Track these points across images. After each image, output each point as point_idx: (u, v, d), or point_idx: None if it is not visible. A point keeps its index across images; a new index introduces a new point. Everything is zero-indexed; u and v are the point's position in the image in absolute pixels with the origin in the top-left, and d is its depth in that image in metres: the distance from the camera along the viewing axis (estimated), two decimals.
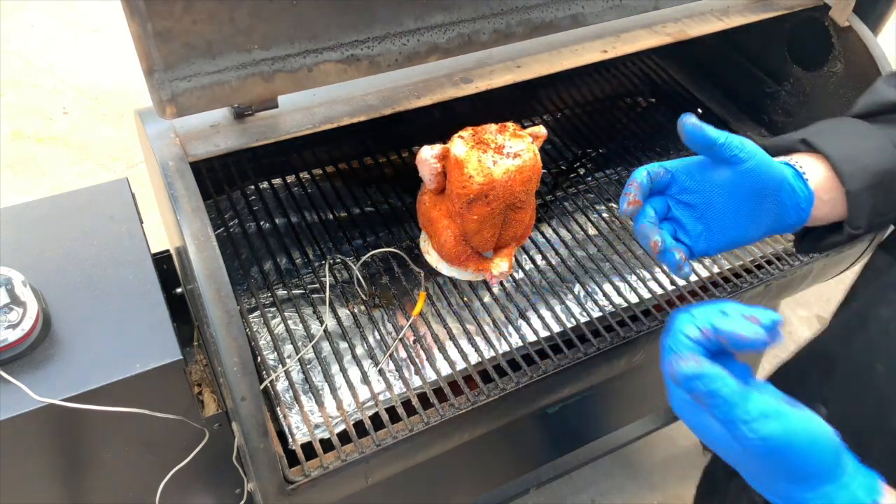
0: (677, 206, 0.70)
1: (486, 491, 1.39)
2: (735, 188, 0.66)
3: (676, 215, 0.70)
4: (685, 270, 0.67)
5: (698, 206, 0.68)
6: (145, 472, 0.91)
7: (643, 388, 1.40)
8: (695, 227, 0.69)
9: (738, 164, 0.64)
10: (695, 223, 0.69)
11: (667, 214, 0.70)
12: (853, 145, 0.66)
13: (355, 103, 0.88)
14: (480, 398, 0.88)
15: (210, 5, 0.69)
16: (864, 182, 0.65)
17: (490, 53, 0.96)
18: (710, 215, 0.68)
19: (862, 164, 0.65)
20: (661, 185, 0.69)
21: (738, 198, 0.66)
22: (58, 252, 0.87)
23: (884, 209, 0.66)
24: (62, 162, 2.44)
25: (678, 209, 0.70)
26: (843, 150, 0.66)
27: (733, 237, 0.68)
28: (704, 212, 0.68)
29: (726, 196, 0.66)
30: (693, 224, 0.69)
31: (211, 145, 0.81)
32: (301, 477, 0.80)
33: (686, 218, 0.69)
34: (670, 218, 0.70)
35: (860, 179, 0.65)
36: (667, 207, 0.70)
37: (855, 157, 0.65)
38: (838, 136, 0.68)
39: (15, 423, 0.73)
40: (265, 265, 1.04)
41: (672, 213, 0.70)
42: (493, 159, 0.86)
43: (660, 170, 0.68)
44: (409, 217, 1.11)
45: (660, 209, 0.69)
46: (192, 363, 0.95)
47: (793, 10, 1.13)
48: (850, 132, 0.68)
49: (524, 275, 1.05)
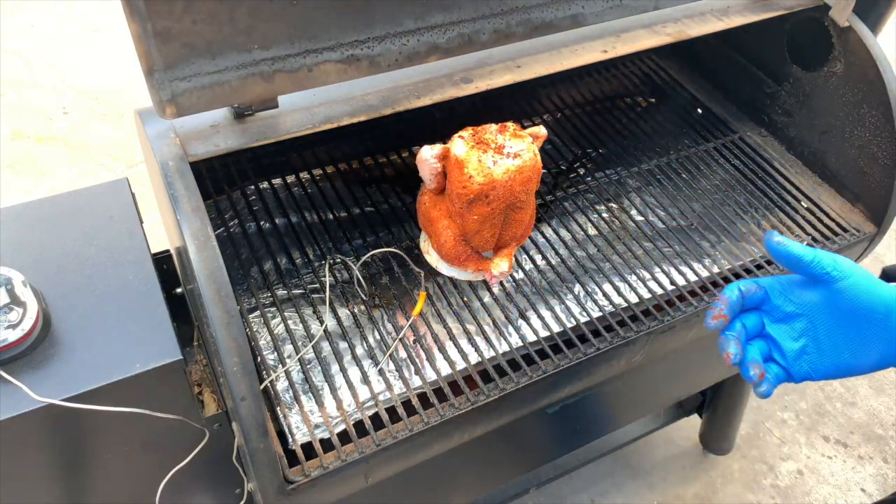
0: (773, 324, 0.66)
1: (486, 491, 1.39)
2: (834, 309, 0.62)
3: (772, 334, 0.66)
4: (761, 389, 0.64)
5: (796, 326, 0.64)
6: (145, 472, 0.91)
7: (643, 388, 1.40)
8: (792, 347, 0.64)
9: (831, 283, 0.61)
10: (792, 343, 0.65)
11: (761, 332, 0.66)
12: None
13: (355, 103, 0.88)
14: (480, 398, 0.88)
15: (210, 5, 0.69)
16: None
17: (490, 53, 0.96)
18: (810, 337, 0.64)
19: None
20: (754, 302, 0.65)
21: (838, 319, 0.62)
22: (58, 252, 0.87)
23: None
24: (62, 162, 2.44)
25: (773, 327, 0.66)
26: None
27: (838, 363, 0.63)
28: (804, 333, 0.64)
29: (826, 317, 0.62)
30: (790, 344, 0.65)
31: (211, 145, 0.81)
32: (301, 477, 0.80)
33: (782, 338, 0.65)
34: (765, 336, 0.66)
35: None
36: (760, 327, 0.66)
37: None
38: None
39: (15, 423, 0.73)
40: (265, 265, 1.04)
41: (766, 331, 0.66)
42: (493, 159, 0.86)
43: (753, 286, 0.65)
44: (409, 217, 1.11)
45: (752, 326, 0.66)
46: (192, 363, 0.95)
47: (793, 10, 1.13)
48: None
49: (524, 275, 1.05)
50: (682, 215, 1.17)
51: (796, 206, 1.19)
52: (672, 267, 1.09)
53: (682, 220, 1.17)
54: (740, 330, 0.65)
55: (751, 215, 1.17)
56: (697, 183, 1.22)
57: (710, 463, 1.84)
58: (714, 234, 1.13)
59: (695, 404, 1.74)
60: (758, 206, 1.18)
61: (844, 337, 0.62)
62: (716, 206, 1.18)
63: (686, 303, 1.01)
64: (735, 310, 0.65)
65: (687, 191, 1.20)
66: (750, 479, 1.81)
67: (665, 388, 1.46)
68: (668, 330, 0.99)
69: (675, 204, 1.18)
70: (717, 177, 1.24)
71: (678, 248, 1.09)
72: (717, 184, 1.22)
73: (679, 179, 1.21)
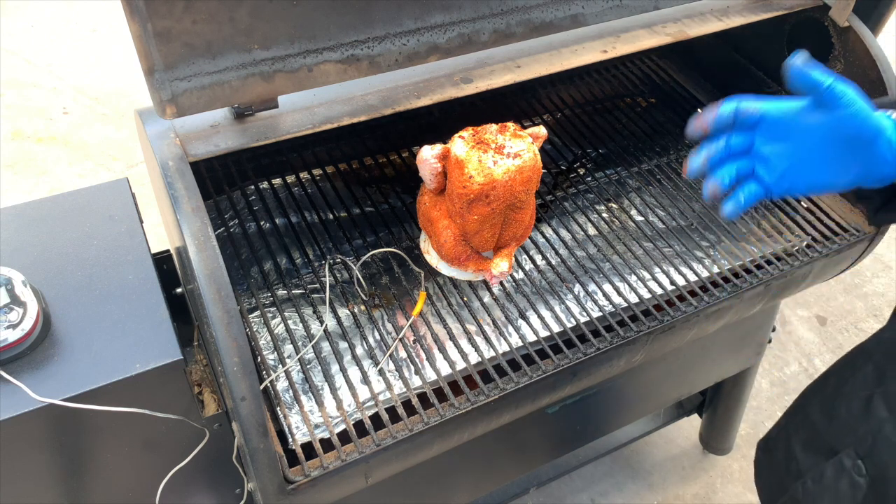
0: (765, 144, 0.69)
1: (486, 491, 1.39)
2: (829, 133, 0.66)
3: (763, 152, 0.70)
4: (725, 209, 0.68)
5: (786, 146, 0.68)
6: (145, 472, 0.91)
7: (643, 388, 1.40)
8: (780, 164, 0.68)
9: (838, 109, 0.64)
10: (780, 159, 0.68)
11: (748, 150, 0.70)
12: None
13: (355, 103, 0.88)
14: (480, 398, 0.88)
15: (210, 5, 0.69)
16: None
17: (490, 53, 0.96)
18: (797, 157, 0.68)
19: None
20: (749, 122, 0.69)
21: (830, 143, 0.66)
22: (58, 252, 0.87)
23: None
24: (62, 162, 2.44)
25: (766, 146, 0.69)
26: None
27: (818, 181, 0.68)
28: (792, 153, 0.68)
29: (818, 140, 0.66)
30: (778, 161, 0.69)
31: (211, 145, 0.81)
32: (301, 477, 0.80)
33: (772, 154, 0.69)
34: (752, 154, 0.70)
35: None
36: (747, 147, 0.70)
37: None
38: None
39: (15, 423, 0.73)
40: (265, 265, 1.04)
41: (756, 148, 0.70)
42: (493, 159, 0.86)
43: (752, 107, 0.68)
44: (409, 217, 1.11)
45: (739, 144, 0.69)
46: (192, 363, 0.95)
47: (793, 10, 1.13)
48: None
49: (524, 275, 1.05)
50: (682, 215, 1.17)
51: (796, 205, 1.19)
52: (672, 267, 1.09)
53: (682, 220, 1.17)
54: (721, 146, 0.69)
55: (751, 215, 1.17)
56: (697, 183, 1.22)
57: (710, 463, 1.84)
58: (714, 234, 1.13)
59: (695, 404, 1.74)
60: (758, 205, 1.18)
61: (831, 159, 0.66)
62: (716, 206, 1.18)
63: (686, 303, 1.01)
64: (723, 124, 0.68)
65: (687, 191, 1.20)
66: (750, 479, 1.81)
67: (665, 388, 1.46)
68: (668, 330, 0.99)
69: (674, 204, 1.18)
70: None
71: (678, 248, 1.09)
72: None
73: (679, 179, 1.21)
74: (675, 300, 1.02)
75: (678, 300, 1.02)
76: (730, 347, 1.44)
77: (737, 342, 1.45)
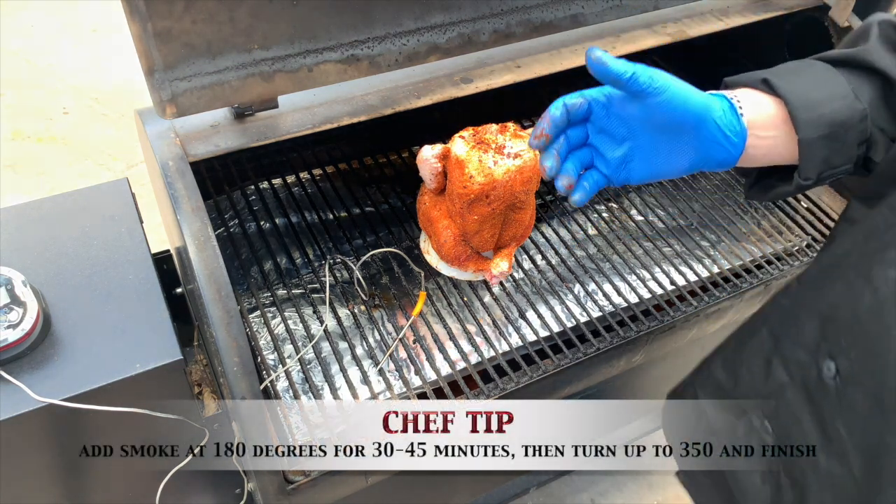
0: (596, 135, 0.69)
1: (486, 491, 1.39)
2: (649, 122, 0.65)
3: (595, 143, 0.69)
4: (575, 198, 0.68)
5: (618, 135, 0.68)
6: (145, 471, 0.90)
7: (643, 388, 1.40)
8: (613, 155, 0.68)
9: (648, 97, 0.63)
10: (613, 150, 0.68)
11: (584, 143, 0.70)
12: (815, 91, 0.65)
13: (355, 103, 0.88)
14: (480, 398, 0.88)
15: (210, 5, 0.69)
16: (818, 131, 0.63)
17: (490, 53, 0.96)
18: (630, 145, 0.67)
19: (819, 112, 0.64)
20: (580, 115, 0.68)
21: (654, 131, 0.65)
22: (58, 252, 0.87)
23: (835, 161, 0.65)
24: (62, 162, 2.44)
25: (597, 137, 0.69)
26: (803, 95, 0.64)
27: (654, 169, 0.68)
28: (624, 142, 0.68)
29: (642, 129, 0.66)
30: (612, 152, 0.68)
31: (211, 145, 0.81)
32: (301, 477, 0.80)
33: (605, 146, 0.68)
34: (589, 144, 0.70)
35: (815, 128, 0.63)
36: (584, 137, 0.69)
37: (814, 104, 0.64)
38: (801, 80, 0.66)
39: (15, 423, 0.73)
40: (265, 265, 1.04)
41: (591, 140, 0.69)
42: (493, 159, 0.86)
43: (578, 100, 0.67)
44: (409, 217, 1.11)
45: (575, 138, 0.69)
46: (192, 363, 0.95)
47: (793, 10, 1.13)
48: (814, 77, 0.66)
49: (524, 275, 1.05)
50: (681, 215, 1.17)
51: (796, 205, 1.19)
52: (672, 267, 1.09)
53: (682, 220, 1.17)
54: (562, 143, 0.68)
55: (750, 215, 1.17)
56: (697, 183, 1.22)
57: None
58: (714, 234, 1.13)
59: None
60: (757, 205, 1.18)
61: (661, 145, 0.66)
62: (716, 205, 1.18)
63: (686, 303, 1.01)
64: (560, 127, 0.67)
65: (687, 191, 1.20)
66: None
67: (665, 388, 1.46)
68: (668, 330, 0.99)
69: (674, 204, 1.18)
70: (717, 177, 1.24)
71: (678, 248, 1.09)
72: (717, 184, 1.22)
73: (679, 179, 1.21)
74: (675, 300, 1.02)
75: (678, 300, 1.02)
76: None
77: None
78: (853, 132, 0.64)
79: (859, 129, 0.64)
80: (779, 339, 0.67)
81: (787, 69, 0.68)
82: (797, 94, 0.64)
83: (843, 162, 0.66)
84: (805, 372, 0.62)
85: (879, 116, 0.65)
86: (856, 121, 0.64)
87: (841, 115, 0.64)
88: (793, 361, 0.64)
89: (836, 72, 0.67)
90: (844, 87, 0.65)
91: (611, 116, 0.68)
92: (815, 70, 0.67)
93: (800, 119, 0.64)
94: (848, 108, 0.64)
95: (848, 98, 0.64)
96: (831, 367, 0.57)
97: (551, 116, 0.66)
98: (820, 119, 0.64)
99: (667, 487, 1.78)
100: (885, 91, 0.65)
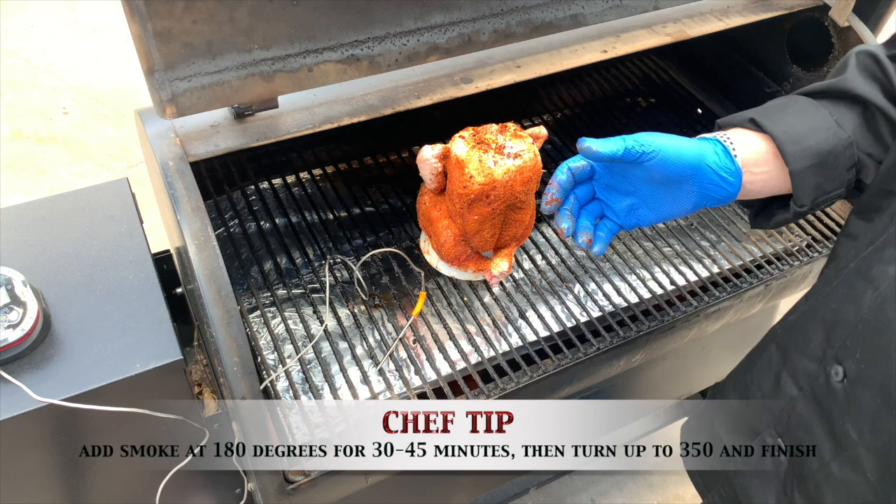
0: (603, 191, 0.75)
1: (486, 491, 1.39)
2: (650, 178, 0.70)
3: (603, 197, 0.75)
4: (595, 250, 0.73)
5: (623, 190, 0.73)
6: (145, 471, 0.90)
7: (643, 388, 1.40)
8: (621, 206, 0.74)
9: (644, 161, 0.68)
10: (621, 203, 0.74)
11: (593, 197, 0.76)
12: (799, 125, 0.69)
13: (355, 103, 0.88)
14: (480, 398, 0.88)
15: (210, 5, 0.69)
16: (807, 161, 0.68)
17: (490, 53, 0.96)
18: (634, 198, 0.73)
19: (805, 144, 0.68)
20: (585, 176, 0.74)
21: (656, 184, 0.71)
22: (58, 252, 0.87)
23: (828, 187, 0.70)
24: (62, 162, 2.43)
25: (604, 193, 0.75)
26: (789, 130, 0.69)
27: (661, 214, 0.73)
28: (630, 195, 0.73)
29: (644, 185, 0.71)
30: (620, 204, 0.74)
31: (211, 145, 0.81)
32: (301, 477, 0.80)
33: (612, 200, 0.75)
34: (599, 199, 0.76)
35: (803, 159, 0.68)
36: (592, 192, 0.75)
37: (799, 137, 0.68)
38: (786, 116, 0.70)
39: (15, 423, 0.73)
40: (265, 265, 1.04)
41: (598, 195, 0.75)
42: (493, 159, 0.86)
43: (581, 163, 0.73)
44: (409, 217, 1.11)
45: (584, 194, 0.75)
46: (192, 363, 0.95)
47: (793, 10, 1.13)
48: (798, 112, 0.71)
49: (524, 275, 1.05)
50: None
51: None
52: (672, 267, 1.09)
53: (682, 220, 1.17)
54: (573, 203, 0.74)
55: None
56: None
57: None
58: (714, 234, 1.13)
59: None
60: None
61: (664, 195, 0.71)
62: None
63: (686, 303, 1.01)
64: (567, 189, 0.73)
65: None
66: None
67: (665, 388, 1.46)
68: (668, 330, 0.99)
69: None
70: None
71: (678, 248, 1.09)
72: None
73: None
74: (675, 300, 1.02)
75: (678, 300, 1.02)
76: (730, 347, 1.44)
77: (737, 342, 1.44)
78: (841, 158, 0.69)
79: (846, 154, 0.69)
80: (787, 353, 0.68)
81: (772, 107, 0.73)
82: (783, 129, 0.69)
83: (835, 187, 0.70)
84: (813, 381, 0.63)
85: (865, 141, 0.70)
86: (842, 148, 0.68)
87: (827, 144, 0.68)
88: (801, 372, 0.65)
89: (818, 105, 0.71)
90: (827, 118, 0.70)
91: (614, 175, 0.73)
92: (798, 105, 0.72)
93: (788, 152, 0.68)
94: (833, 137, 0.69)
95: (832, 128, 0.69)
96: (839, 372, 0.59)
97: (559, 181, 0.72)
98: (807, 150, 0.68)
99: (667, 487, 1.78)
100: (866, 117, 0.70)
